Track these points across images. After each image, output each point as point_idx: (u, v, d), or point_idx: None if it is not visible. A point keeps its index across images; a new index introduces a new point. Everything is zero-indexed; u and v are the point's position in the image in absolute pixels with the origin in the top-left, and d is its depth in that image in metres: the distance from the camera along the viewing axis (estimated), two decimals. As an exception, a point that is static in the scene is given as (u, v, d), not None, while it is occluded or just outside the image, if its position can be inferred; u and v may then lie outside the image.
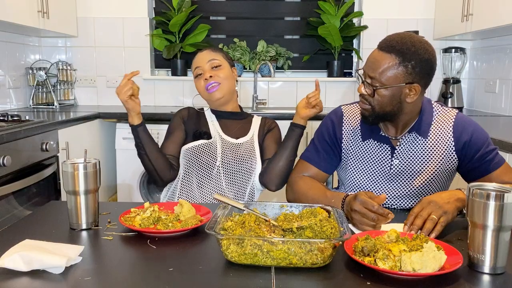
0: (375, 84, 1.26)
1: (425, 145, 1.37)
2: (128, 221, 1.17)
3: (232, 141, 1.65)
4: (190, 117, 1.71)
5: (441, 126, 1.38)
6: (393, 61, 1.23)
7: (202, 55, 1.68)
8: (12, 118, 2.30)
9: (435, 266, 0.88)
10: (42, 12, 2.82)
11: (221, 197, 1.11)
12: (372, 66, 1.26)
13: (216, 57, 1.66)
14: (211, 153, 1.62)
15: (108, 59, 3.56)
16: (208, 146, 1.63)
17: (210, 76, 1.63)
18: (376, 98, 1.27)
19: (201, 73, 1.65)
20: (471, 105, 3.41)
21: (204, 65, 1.65)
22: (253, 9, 3.60)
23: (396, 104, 1.28)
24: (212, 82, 1.63)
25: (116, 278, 0.91)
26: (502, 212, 0.89)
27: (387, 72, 1.24)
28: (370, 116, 1.32)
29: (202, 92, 1.67)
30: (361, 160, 1.43)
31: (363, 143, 1.43)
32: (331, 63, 3.51)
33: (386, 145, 1.39)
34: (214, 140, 1.64)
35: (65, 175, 1.15)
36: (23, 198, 2.14)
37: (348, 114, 1.50)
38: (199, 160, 1.61)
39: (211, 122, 1.69)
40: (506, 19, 2.45)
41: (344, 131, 1.47)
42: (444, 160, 1.37)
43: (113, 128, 3.05)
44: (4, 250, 0.93)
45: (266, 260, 0.92)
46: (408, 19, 3.42)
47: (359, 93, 1.33)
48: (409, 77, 1.24)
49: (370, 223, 1.13)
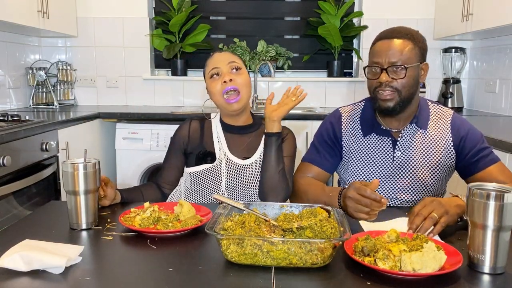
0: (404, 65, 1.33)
1: (425, 137, 1.43)
2: (128, 221, 1.17)
3: (238, 163, 1.52)
4: (192, 137, 1.58)
5: (439, 121, 1.45)
6: (409, 44, 1.35)
7: (221, 55, 1.54)
8: (12, 118, 2.30)
9: (435, 266, 0.88)
10: (42, 12, 2.82)
11: (221, 197, 1.11)
12: (392, 53, 1.34)
13: (236, 60, 1.53)
14: (215, 178, 1.52)
15: (108, 59, 3.56)
16: (212, 170, 1.51)
17: (230, 80, 1.48)
18: (404, 80, 1.34)
19: (217, 73, 1.51)
20: (471, 105, 3.41)
21: (224, 66, 1.50)
22: (253, 9, 3.60)
23: (416, 85, 1.38)
24: (231, 87, 1.48)
25: (116, 278, 0.91)
26: (502, 212, 0.89)
27: (408, 53, 1.34)
28: (397, 103, 1.36)
29: (217, 95, 1.51)
30: (363, 155, 1.47)
31: (365, 139, 1.48)
32: (331, 63, 3.51)
33: (388, 138, 1.44)
34: (219, 163, 1.52)
35: (65, 175, 1.15)
36: (23, 198, 2.14)
37: (346, 114, 1.54)
38: (202, 185, 1.53)
39: (217, 138, 1.56)
40: (506, 19, 2.45)
41: (344, 130, 1.51)
42: (443, 154, 1.42)
43: (113, 128, 3.05)
44: (4, 250, 0.93)
45: (266, 260, 0.92)
46: (408, 19, 3.41)
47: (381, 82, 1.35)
48: (421, 57, 1.38)
49: (364, 209, 1.14)
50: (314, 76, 3.63)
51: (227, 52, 1.57)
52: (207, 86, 1.56)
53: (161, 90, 3.60)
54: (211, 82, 1.52)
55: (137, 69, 3.57)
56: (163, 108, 3.34)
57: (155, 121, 3.00)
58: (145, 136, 2.95)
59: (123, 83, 3.60)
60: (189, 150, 1.57)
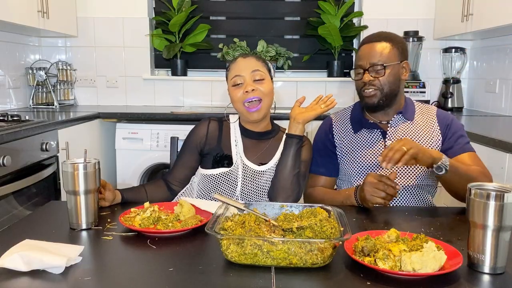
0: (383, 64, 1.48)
1: (412, 127, 1.55)
2: (128, 221, 1.17)
3: (254, 168, 1.51)
4: (210, 137, 1.56)
5: (424, 114, 1.59)
6: (387, 46, 1.50)
7: (245, 62, 1.51)
8: (12, 118, 2.29)
9: (435, 266, 0.88)
10: (42, 12, 2.82)
11: (221, 197, 1.11)
12: (372, 55, 1.50)
13: (260, 68, 1.51)
14: (230, 182, 1.51)
15: (108, 59, 3.56)
16: (228, 175, 1.51)
17: (252, 90, 1.47)
18: (384, 78, 1.49)
19: (241, 83, 1.49)
20: (471, 105, 3.41)
21: (247, 75, 1.49)
22: (253, 9, 3.59)
23: (397, 81, 1.51)
24: (253, 97, 1.47)
25: (116, 278, 0.91)
26: (502, 212, 0.90)
27: (387, 54, 1.49)
28: (380, 99, 1.51)
29: (238, 103, 1.50)
30: (357, 149, 1.56)
31: (356, 135, 1.59)
32: (331, 63, 3.51)
33: (377, 130, 1.56)
34: (235, 168, 1.51)
35: (65, 175, 1.15)
36: (23, 198, 2.14)
37: (336, 117, 1.67)
38: (217, 188, 1.51)
39: (235, 142, 1.55)
40: (506, 19, 2.45)
41: (335, 131, 1.63)
42: (431, 139, 1.53)
43: (113, 128, 3.05)
44: (4, 250, 0.93)
45: (266, 260, 0.92)
46: (408, 19, 3.42)
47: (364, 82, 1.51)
48: (401, 56, 1.52)
49: (380, 193, 1.29)
50: (314, 76, 3.63)
51: (251, 58, 1.53)
52: (228, 91, 1.54)
53: (161, 90, 3.60)
54: (233, 90, 1.51)
55: (137, 69, 3.56)
56: (163, 108, 3.33)
57: (155, 121, 3.00)
58: (145, 136, 2.95)
59: (123, 83, 3.59)
60: (205, 151, 1.56)
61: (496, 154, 1.90)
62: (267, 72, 1.53)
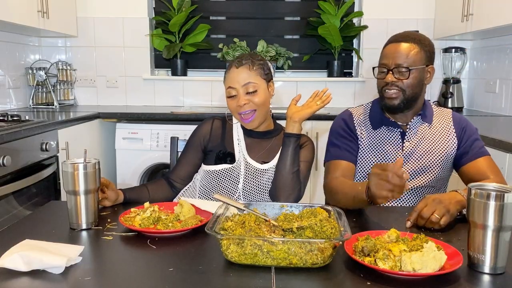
0: (408, 67, 1.45)
1: (430, 130, 1.55)
2: (128, 221, 1.17)
3: (256, 167, 1.53)
4: (214, 135, 1.59)
5: (441, 117, 1.59)
6: (415, 48, 1.46)
7: (237, 74, 1.51)
8: (12, 118, 2.29)
9: (435, 266, 0.88)
10: (42, 12, 2.82)
11: (221, 197, 1.11)
12: (398, 55, 1.46)
13: (253, 80, 1.50)
14: (233, 179, 1.53)
15: (108, 59, 3.56)
16: (230, 171, 1.53)
17: (244, 104, 1.49)
18: (408, 81, 1.46)
19: (235, 95, 1.51)
20: (471, 105, 3.41)
21: (240, 87, 1.50)
22: (253, 9, 3.59)
23: (420, 85, 1.49)
24: (247, 110, 1.50)
25: (116, 278, 0.91)
26: (502, 212, 0.90)
27: (414, 57, 1.45)
28: (402, 101, 1.48)
29: (234, 113, 1.55)
30: (375, 146, 1.55)
31: (375, 131, 1.57)
32: (331, 63, 3.51)
33: (397, 129, 1.54)
34: (238, 165, 1.53)
35: (65, 175, 1.15)
36: (23, 198, 2.14)
37: (355, 112, 1.64)
38: (219, 184, 1.53)
39: (237, 140, 1.57)
40: (506, 19, 2.44)
41: (356, 123, 1.60)
42: (447, 142, 1.53)
43: (113, 128, 3.05)
44: (4, 250, 0.93)
45: (266, 260, 0.92)
46: (408, 19, 3.42)
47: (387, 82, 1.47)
48: (428, 60, 1.48)
49: (386, 184, 1.08)
50: (314, 76, 3.63)
51: (244, 69, 1.51)
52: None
53: (161, 90, 3.60)
54: (229, 101, 1.54)
55: (137, 69, 3.56)
56: (163, 108, 3.33)
57: (155, 121, 3.00)
58: (145, 136, 2.95)
59: (123, 83, 3.59)
60: (209, 148, 1.58)
61: (496, 154, 1.90)
62: (261, 80, 1.52)
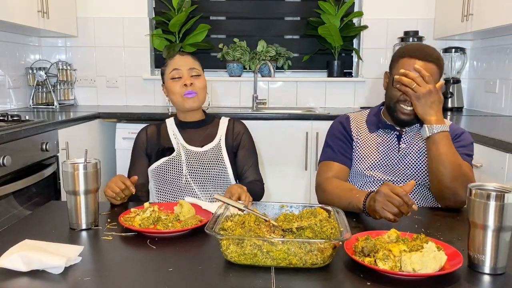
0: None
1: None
2: (128, 221, 1.17)
3: (196, 150, 1.65)
4: (150, 139, 1.69)
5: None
6: (435, 70, 1.46)
7: (183, 59, 1.68)
8: (12, 118, 2.29)
9: (435, 266, 0.88)
10: (42, 12, 2.82)
11: (221, 197, 1.11)
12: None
13: (196, 67, 1.69)
14: (176, 167, 1.61)
15: (108, 59, 3.56)
16: (172, 160, 1.62)
17: (190, 84, 1.64)
18: None
19: (179, 77, 1.65)
20: (471, 105, 3.41)
21: (185, 70, 1.66)
22: (253, 9, 3.59)
23: None
24: (191, 90, 1.64)
25: (116, 278, 0.91)
26: (502, 212, 0.89)
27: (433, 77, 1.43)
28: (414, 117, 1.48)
29: (176, 96, 1.66)
30: (370, 148, 1.57)
31: (371, 134, 1.59)
32: (331, 63, 3.51)
33: (393, 132, 1.56)
34: (178, 153, 1.63)
35: (65, 175, 1.15)
36: (23, 198, 2.14)
37: (353, 116, 1.68)
38: (166, 176, 1.61)
39: (173, 135, 1.69)
40: (506, 19, 2.44)
41: (353, 127, 1.63)
42: None
43: (113, 128, 3.05)
44: (4, 250, 0.93)
45: (266, 260, 0.92)
46: (408, 19, 3.42)
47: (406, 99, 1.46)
48: (440, 77, 1.50)
49: (393, 208, 1.10)
50: (314, 76, 3.63)
51: (188, 57, 1.71)
52: (166, 85, 1.70)
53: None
54: (171, 83, 1.66)
55: (137, 69, 3.56)
56: (163, 108, 3.33)
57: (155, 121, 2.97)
58: (145, 136, 2.95)
59: (123, 83, 3.59)
60: (149, 151, 1.68)
61: (496, 154, 1.90)
62: (201, 70, 1.72)
